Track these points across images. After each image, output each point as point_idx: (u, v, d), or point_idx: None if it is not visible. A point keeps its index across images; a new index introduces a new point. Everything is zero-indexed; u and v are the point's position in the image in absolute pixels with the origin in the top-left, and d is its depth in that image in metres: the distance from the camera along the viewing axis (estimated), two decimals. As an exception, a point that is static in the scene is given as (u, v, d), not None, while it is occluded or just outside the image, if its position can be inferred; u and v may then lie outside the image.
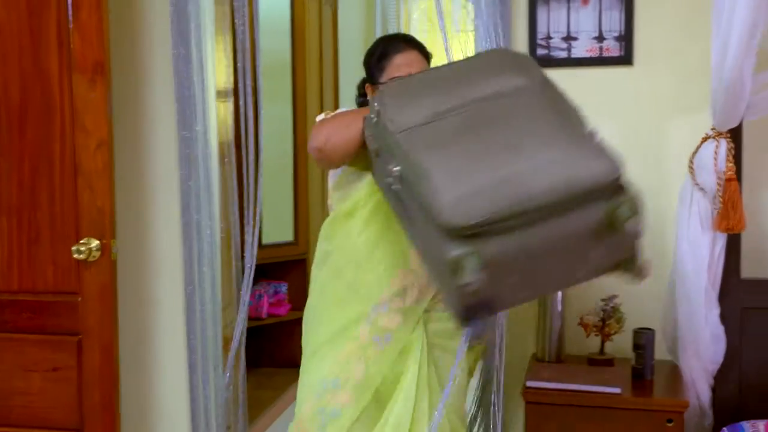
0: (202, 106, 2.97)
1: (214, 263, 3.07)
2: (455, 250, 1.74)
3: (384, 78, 2.47)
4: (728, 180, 2.78)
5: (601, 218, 1.83)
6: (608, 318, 3.03)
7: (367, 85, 2.54)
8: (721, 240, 2.86)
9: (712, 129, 2.81)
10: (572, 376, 2.89)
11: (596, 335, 3.05)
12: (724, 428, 2.72)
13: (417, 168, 1.85)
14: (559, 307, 3.10)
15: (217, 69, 3.16)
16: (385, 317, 2.47)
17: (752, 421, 2.73)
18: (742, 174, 2.86)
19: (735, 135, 2.82)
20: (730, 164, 2.79)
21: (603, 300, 3.05)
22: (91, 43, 2.77)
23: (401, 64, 2.47)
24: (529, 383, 2.86)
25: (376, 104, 2.07)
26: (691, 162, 2.85)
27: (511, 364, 3.21)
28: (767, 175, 3.06)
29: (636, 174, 3.13)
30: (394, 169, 1.93)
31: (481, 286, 1.74)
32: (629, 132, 3.16)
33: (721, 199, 2.79)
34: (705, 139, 2.83)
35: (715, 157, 2.79)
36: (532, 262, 1.82)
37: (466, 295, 1.78)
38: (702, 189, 2.83)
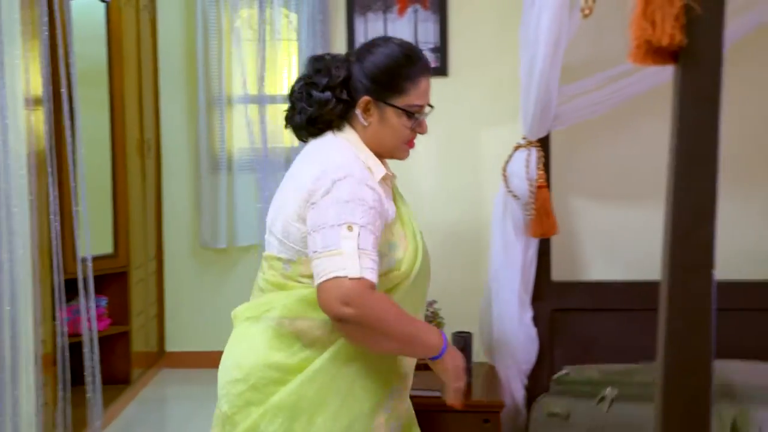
0: (2, 114, 2.82)
1: (23, 278, 2.93)
2: None
3: (401, 102, 2.03)
4: (539, 187, 2.90)
5: None
6: (428, 322, 3.09)
7: (366, 98, 2.02)
8: (534, 245, 2.97)
9: (524, 138, 2.92)
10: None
11: (417, 340, 3.11)
12: (537, 426, 2.83)
13: None
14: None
15: (27, 75, 3.02)
16: (400, 402, 2.13)
17: (563, 418, 2.85)
18: (551, 181, 2.99)
19: (544, 144, 2.94)
20: (541, 172, 2.90)
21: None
22: None
23: (426, 90, 2.06)
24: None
25: None
26: (504, 170, 2.95)
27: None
28: (574, 182, 3.21)
29: (453, 183, 3.26)
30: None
31: None
32: (446, 142, 3.25)
33: (533, 206, 2.90)
34: (517, 148, 2.94)
35: (527, 165, 2.90)
36: None
37: None
38: (515, 196, 2.93)
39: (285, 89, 4.18)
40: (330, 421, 2.00)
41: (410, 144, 2.13)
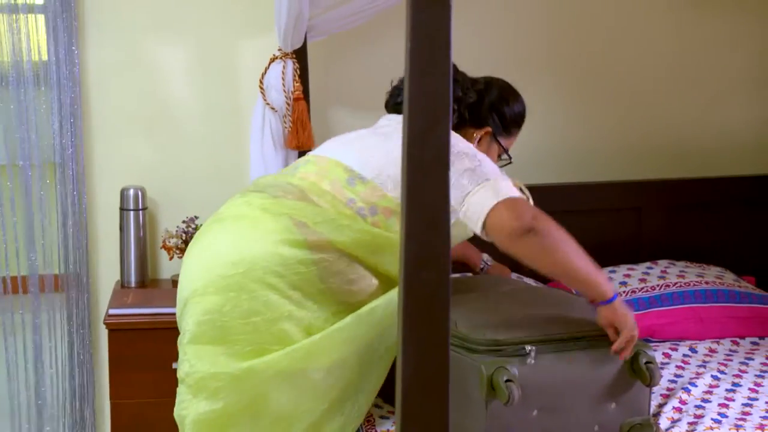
0: None
1: None
2: None
3: (505, 143, 2.43)
4: (296, 99, 2.90)
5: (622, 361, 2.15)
6: (190, 239, 3.05)
7: (489, 130, 2.40)
8: (293, 157, 2.98)
9: (279, 50, 2.90)
10: (156, 300, 2.90)
11: (180, 257, 3.07)
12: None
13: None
14: (141, 232, 3.08)
15: None
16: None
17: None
18: (309, 93, 3.00)
19: (300, 55, 2.93)
20: (297, 84, 2.90)
21: (184, 222, 3.07)
22: None
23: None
24: (111, 311, 2.83)
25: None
26: (261, 82, 2.93)
27: (97, 293, 3.17)
28: (332, 93, 3.24)
29: (210, 94, 3.19)
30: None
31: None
32: (201, 52, 3.18)
33: (290, 118, 2.91)
34: (273, 60, 2.91)
35: (283, 77, 2.89)
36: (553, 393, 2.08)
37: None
38: (273, 108, 2.92)
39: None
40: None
41: None
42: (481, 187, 2.04)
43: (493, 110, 2.40)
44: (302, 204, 2.13)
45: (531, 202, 2.16)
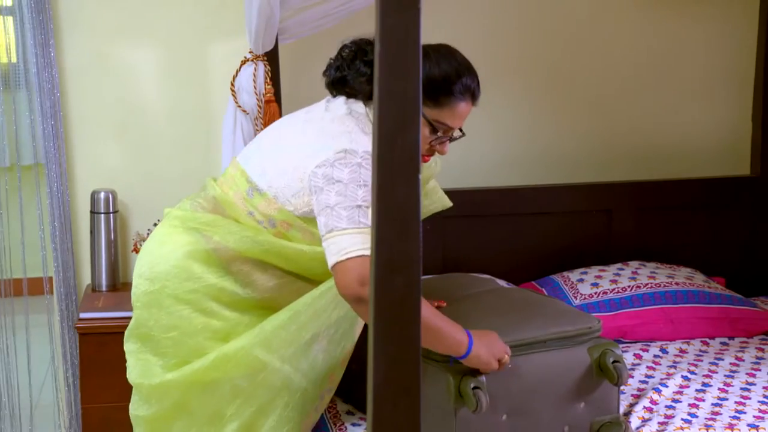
0: None
1: None
2: None
3: (432, 113, 2.06)
4: (267, 102, 2.90)
5: (589, 360, 2.17)
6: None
7: None
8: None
9: (250, 52, 2.90)
10: (126, 303, 2.87)
11: (151, 260, 3.05)
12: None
13: None
14: (112, 236, 3.06)
15: None
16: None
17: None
18: (281, 95, 2.99)
19: (272, 58, 2.93)
20: (269, 86, 2.90)
21: (155, 224, 3.04)
22: None
23: (461, 114, 2.10)
24: (82, 315, 2.81)
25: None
26: (232, 85, 2.92)
27: (69, 296, 3.12)
28: (304, 96, 3.22)
29: (182, 97, 3.18)
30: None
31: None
32: (172, 54, 3.16)
33: (262, 121, 2.90)
34: (244, 63, 2.90)
35: (254, 79, 2.88)
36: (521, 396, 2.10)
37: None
38: (244, 111, 2.91)
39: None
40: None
41: (423, 158, 2.14)
42: (353, 232, 1.90)
43: None
44: (212, 217, 2.14)
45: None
